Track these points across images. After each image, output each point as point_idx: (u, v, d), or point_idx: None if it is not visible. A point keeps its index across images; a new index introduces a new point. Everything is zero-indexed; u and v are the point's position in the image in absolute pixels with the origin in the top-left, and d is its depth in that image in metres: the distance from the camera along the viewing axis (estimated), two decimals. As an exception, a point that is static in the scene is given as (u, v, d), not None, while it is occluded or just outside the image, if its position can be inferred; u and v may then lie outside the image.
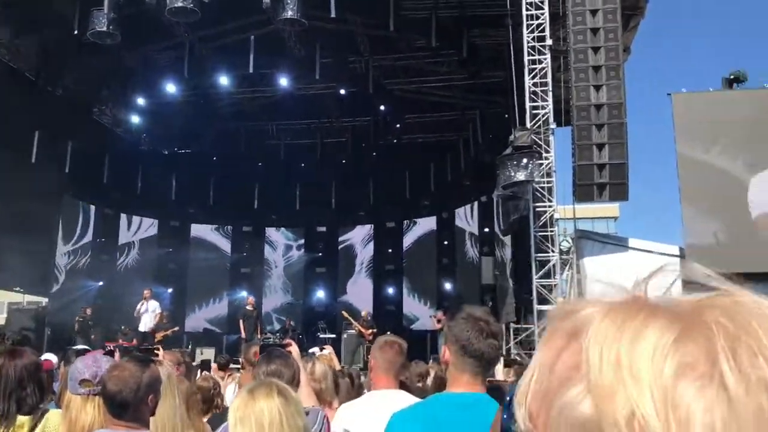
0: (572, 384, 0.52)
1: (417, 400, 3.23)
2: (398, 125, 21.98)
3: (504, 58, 15.81)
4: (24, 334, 15.59)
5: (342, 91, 20.18)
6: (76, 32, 15.49)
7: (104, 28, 14.44)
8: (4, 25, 17.32)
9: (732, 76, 14.19)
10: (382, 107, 21.10)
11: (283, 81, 19.51)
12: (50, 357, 6.55)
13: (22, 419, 3.14)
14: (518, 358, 10.90)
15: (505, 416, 2.18)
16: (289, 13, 14.00)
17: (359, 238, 23.86)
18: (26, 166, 17.56)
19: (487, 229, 19.28)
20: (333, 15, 14.71)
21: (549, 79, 13.68)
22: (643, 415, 0.47)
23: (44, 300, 19.74)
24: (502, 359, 8.03)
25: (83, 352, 5.88)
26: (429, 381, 6.30)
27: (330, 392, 4.71)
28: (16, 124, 16.57)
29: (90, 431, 2.82)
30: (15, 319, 18.05)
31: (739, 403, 0.46)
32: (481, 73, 18.04)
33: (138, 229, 22.75)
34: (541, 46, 13.74)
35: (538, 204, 13.48)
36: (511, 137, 13.57)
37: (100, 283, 20.70)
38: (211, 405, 4.95)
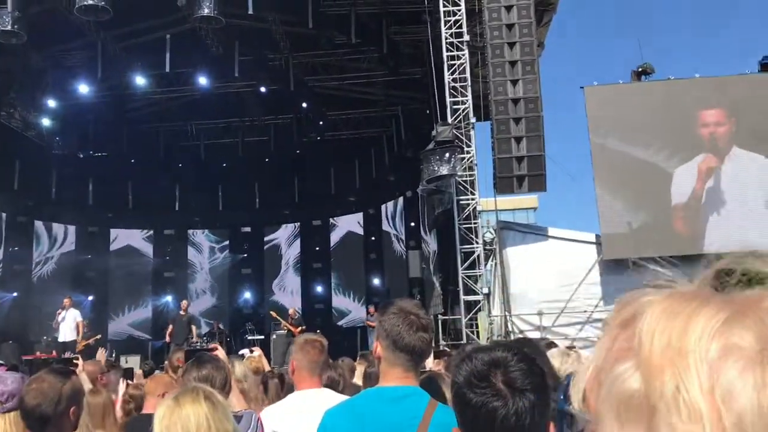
0: (624, 361, 0.55)
1: (343, 397, 3.22)
2: (321, 122, 21.91)
3: (423, 55, 16.03)
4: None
5: (262, 89, 19.96)
6: (-22, 32, 14.73)
7: (8, 27, 13.81)
8: None
9: (640, 69, 14.81)
10: (304, 104, 20.98)
11: (202, 80, 19.16)
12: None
13: None
14: (447, 349, 11.10)
15: (561, 398, 2.24)
16: (206, 11, 13.75)
17: (284, 237, 23.72)
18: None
19: (413, 223, 19.51)
20: (250, 12, 14.55)
21: (468, 75, 13.95)
22: (688, 389, 0.50)
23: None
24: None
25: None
26: (356, 377, 6.32)
27: (255, 393, 4.69)
28: None
29: None
30: None
31: None
32: (401, 70, 18.20)
33: (62, 242, 21.90)
34: (459, 42, 14.00)
35: (461, 197, 13.74)
36: (433, 132, 13.78)
37: (15, 294, 19.81)
38: (105, 418, 4.78)
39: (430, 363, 8.01)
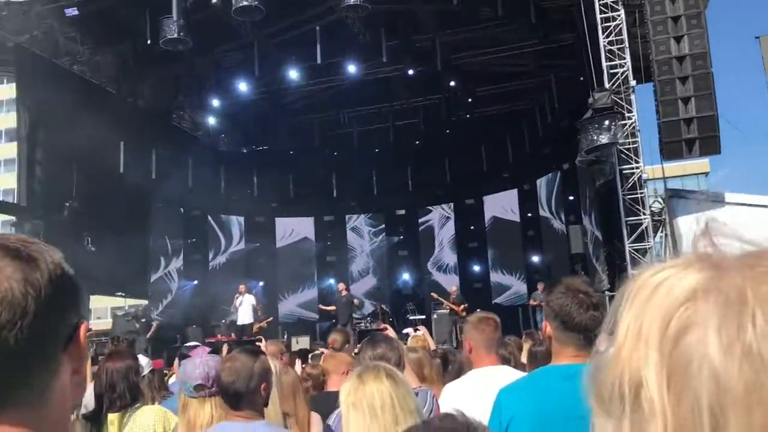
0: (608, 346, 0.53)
1: (521, 374, 3.20)
2: (470, 99, 21.64)
3: (574, 19, 15.31)
4: (133, 337, 16.32)
5: (410, 72, 20.01)
6: (149, 42, 15.95)
7: (175, 35, 14.80)
8: (82, 43, 18.07)
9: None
10: (452, 83, 20.81)
11: (351, 68, 19.53)
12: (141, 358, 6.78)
13: (113, 416, 3.27)
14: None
15: None
16: (352, 0, 13.97)
17: (438, 217, 23.77)
18: (116, 176, 18.35)
19: (572, 197, 18.81)
20: (396, -5, 14.59)
21: (625, 36, 13.15)
22: (648, 382, 0.47)
23: (144, 302, 20.62)
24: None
25: (194, 348, 6.08)
26: (523, 356, 6.17)
27: (422, 374, 4.70)
28: (102, 138, 17.28)
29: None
30: (119, 323, 18.93)
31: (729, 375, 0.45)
32: (551, 37, 17.54)
33: (233, 234, 23.41)
34: (613, 2, 13.21)
35: (624, 166, 13.03)
36: (590, 100, 13.14)
37: (195, 282, 21.45)
38: (321, 390, 5.03)
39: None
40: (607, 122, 12.78)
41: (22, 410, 0.83)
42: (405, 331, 10.60)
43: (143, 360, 6.87)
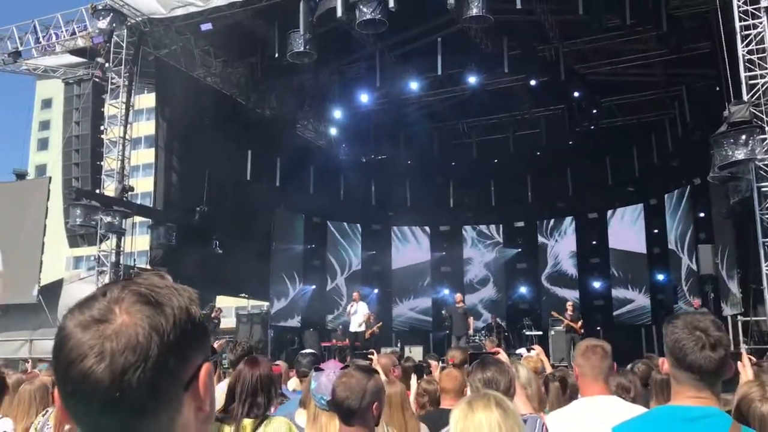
0: None
1: (630, 405, 3.10)
2: (594, 110, 20.96)
3: (710, 27, 14.48)
4: (256, 339, 17.03)
5: (532, 82, 19.66)
6: (276, 55, 16.61)
7: (302, 49, 15.31)
8: (215, 56, 19.11)
9: None
10: (575, 93, 20.24)
11: (472, 79, 19.44)
12: (281, 363, 7.00)
13: (246, 422, 3.41)
14: (752, 358, 9.88)
15: None
16: (474, 11, 13.87)
17: (559, 230, 23.13)
18: (243, 183, 19.24)
19: (702, 214, 17.76)
20: (519, 6, 14.37)
21: (766, 45, 12.26)
22: None
23: (265, 304, 21.45)
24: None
25: (310, 356, 6.23)
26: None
27: (536, 398, 4.56)
28: (232, 146, 18.20)
29: None
30: (243, 325, 19.79)
31: None
32: (683, 47, 16.67)
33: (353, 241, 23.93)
34: (754, 8, 12.36)
35: (762, 184, 12.12)
36: (725, 113, 12.33)
37: (313, 287, 22.06)
38: (436, 405, 5.02)
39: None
40: (744, 137, 11.96)
41: None
42: (518, 351, 10.35)
43: (283, 365, 7.11)
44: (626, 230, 21.66)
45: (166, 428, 0.92)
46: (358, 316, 16.51)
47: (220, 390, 3.85)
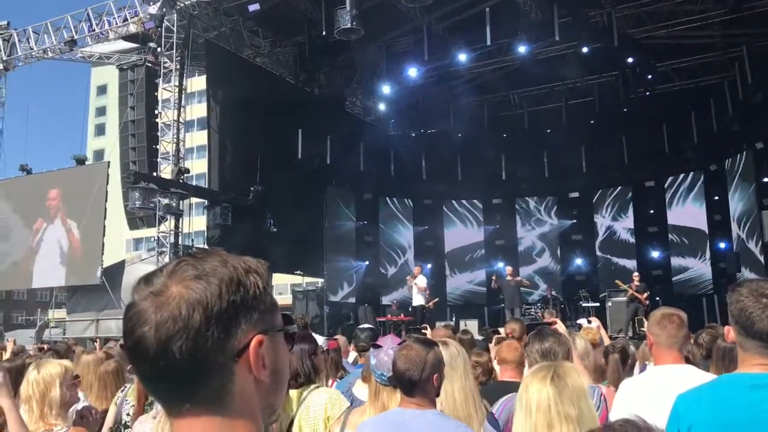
0: None
1: (705, 375, 3.05)
2: (650, 76, 20.32)
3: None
4: (312, 315, 17.32)
5: (584, 49, 19.11)
6: (323, 33, 16.62)
7: (348, 25, 15.29)
8: (263, 37, 19.24)
9: None
10: (629, 59, 19.63)
11: (521, 48, 19.03)
12: (339, 338, 7.11)
13: (292, 392, 3.51)
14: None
15: None
16: (523, -22, 13.63)
17: (615, 199, 22.66)
18: (294, 161, 19.44)
19: (766, 179, 17.15)
20: (568, -29, 14.03)
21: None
22: None
23: (320, 281, 21.72)
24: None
25: (368, 331, 6.32)
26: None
27: (593, 369, 4.52)
28: (282, 126, 18.37)
29: None
30: (298, 301, 20.12)
31: None
32: (742, 5, 16.00)
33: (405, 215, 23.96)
34: (820, -40, 11.79)
35: (830, 145, 11.65)
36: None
37: (366, 263, 22.22)
38: (489, 377, 5.05)
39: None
40: (810, 96, 11.50)
41: (201, 409, 0.96)
42: (578, 321, 10.28)
43: (319, 339, 7.25)
44: (685, 198, 21.08)
45: (220, 395, 0.96)
46: (416, 290, 16.58)
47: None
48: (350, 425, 3.23)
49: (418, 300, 16.63)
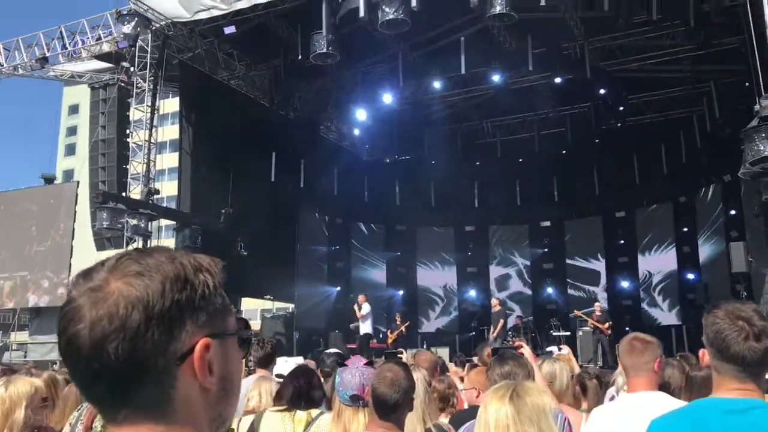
0: None
1: (677, 402, 3.01)
2: (621, 108, 20.67)
3: (739, 21, 14.22)
4: (277, 338, 17.04)
5: (557, 80, 19.44)
6: (299, 57, 16.63)
7: (324, 50, 15.31)
8: (239, 59, 19.20)
9: None
10: (601, 91, 19.98)
11: (495, 77, 19.27)
12: (308, 362, 6.99)
13: (301, 414, 3.57)
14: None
15: None
16: (498, 9, 13.74)
17: (585, 229, 22.85)
18: (267, 185, 19.29)
19: (734, 212, 17.44)
20: (543, 3, 14.22)
21: (798, 37, 11.99)
22: None
23: (291, 306, 21.47)
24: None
25: (335, 356, 6.22)
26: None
27: (564, 393, 4.48)
28: (256, 149, 18.26)
29: None
30: (268, 325, 19.84)
31: None
32: (712, 42, 16.38)
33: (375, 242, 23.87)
34: (785, 0, 12.09)
35: (796, 179, 11.88)
36: (756, 107, 12.08)
37: (338, 288, 22.05)
38: (447, 404, 4.95)
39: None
40: (776, 131, 11.72)
41: (140, 416, 0.89)
42: (549, 349, 10.28)
43: (292, 362, 7.13)
44: (655, 228, 21.33)
45: (160, 401, 0.89)
46: (367, 317, 16.65)
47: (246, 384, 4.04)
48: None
49: (365, 327, 16.69)
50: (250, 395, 4.35)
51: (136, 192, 16.69)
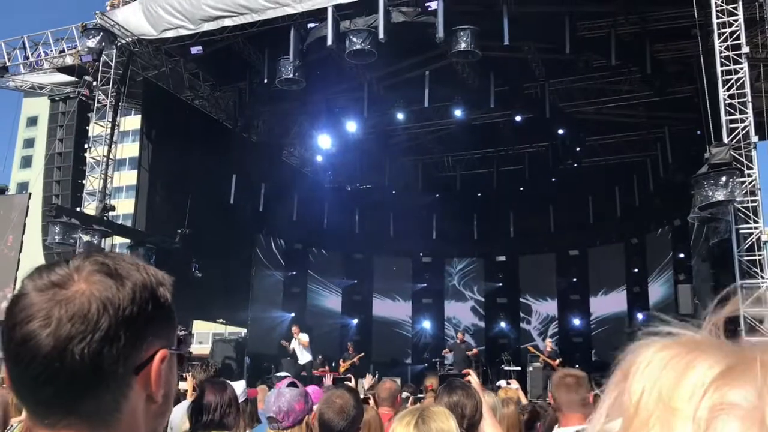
0: (613, 417, 0.53)
1: None
2: (578, 149, 21.18)
3: (693, 71, 14.78)
4: (226, 363, 16.78)
5: (517, 118, 19.86)
6: (265, 81, 16.67)
7: (291, 76, 15.40)
8: (204, 80, 19.15)
9: None
10: (560, 131, 20.46)
11: (458, 112, 19.60)
12: (262, 388, 6.88)
13: None
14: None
15: None
16: (463, 46, 14.06)
17: (539, 266, 23.17)
18: (226, 207, 19.14)
19: (682, 255, 17.91)
20: (506, 43, 14.59)
21: (747, 90, 12.51)
22: None
23: (243, 331, 21.17)
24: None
25: (286, 380, 6.16)
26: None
27: (508, 424, 4.54)
28: (216, 170, 18.15)
29: None
30: (218, 349, 19.50)
31: None
32: (667, 89, 16.97)
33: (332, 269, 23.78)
34: (736, 55, 12.63)
35: (741, 226, 12.28)
36: (707, 154, 12.53)
37: (293, 314, 21.83)
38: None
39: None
40: (724, 178, 12.14)
41: (83, 425, 0.85)
42: (498, 383, 10.36)
43: (240, 387, 7.01)
44: (606, 268, 21.74)
45: (109, 411, 0.86)
46: (300, 347, 16.58)
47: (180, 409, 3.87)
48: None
49: (304, 357, 16.59)
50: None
51: (90, 208, 16.39)
